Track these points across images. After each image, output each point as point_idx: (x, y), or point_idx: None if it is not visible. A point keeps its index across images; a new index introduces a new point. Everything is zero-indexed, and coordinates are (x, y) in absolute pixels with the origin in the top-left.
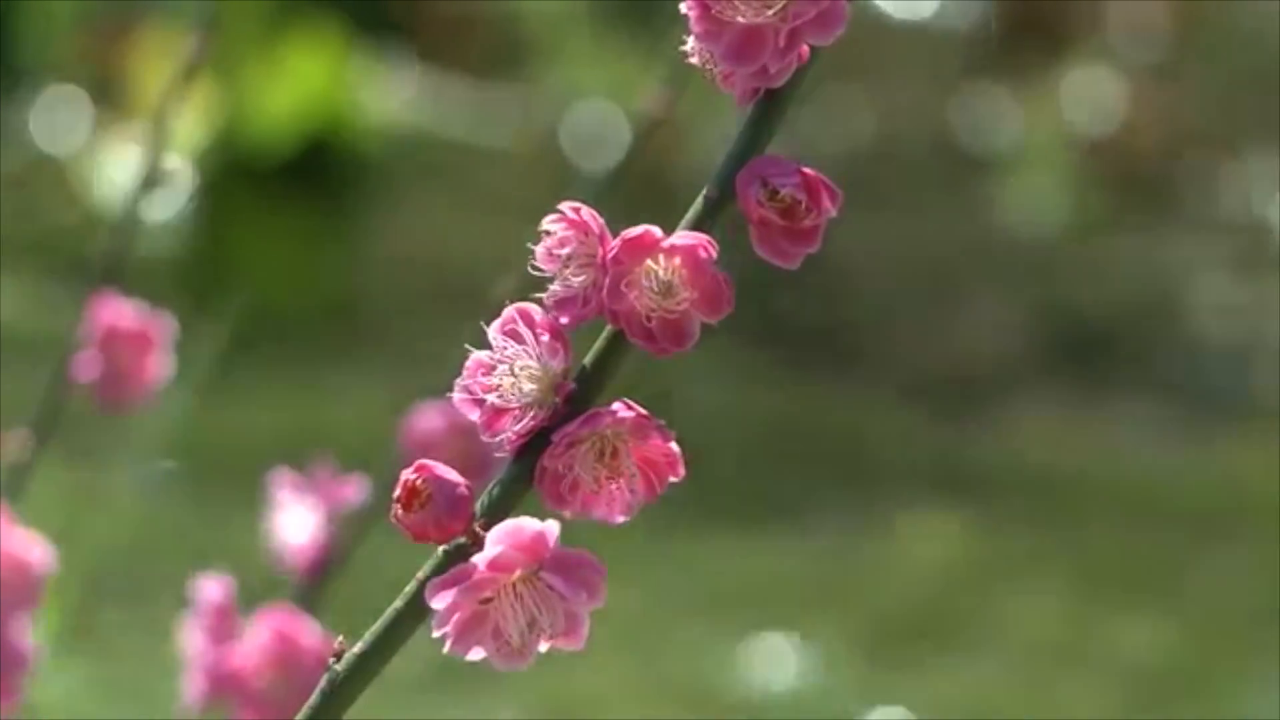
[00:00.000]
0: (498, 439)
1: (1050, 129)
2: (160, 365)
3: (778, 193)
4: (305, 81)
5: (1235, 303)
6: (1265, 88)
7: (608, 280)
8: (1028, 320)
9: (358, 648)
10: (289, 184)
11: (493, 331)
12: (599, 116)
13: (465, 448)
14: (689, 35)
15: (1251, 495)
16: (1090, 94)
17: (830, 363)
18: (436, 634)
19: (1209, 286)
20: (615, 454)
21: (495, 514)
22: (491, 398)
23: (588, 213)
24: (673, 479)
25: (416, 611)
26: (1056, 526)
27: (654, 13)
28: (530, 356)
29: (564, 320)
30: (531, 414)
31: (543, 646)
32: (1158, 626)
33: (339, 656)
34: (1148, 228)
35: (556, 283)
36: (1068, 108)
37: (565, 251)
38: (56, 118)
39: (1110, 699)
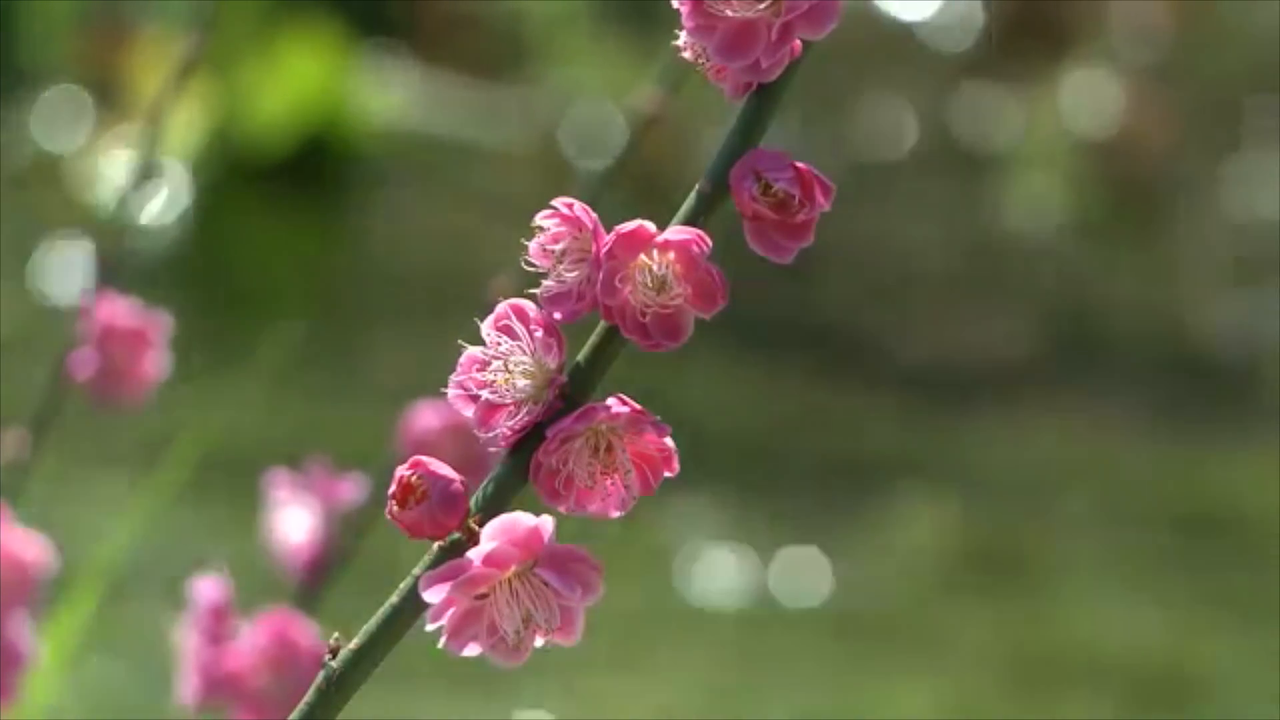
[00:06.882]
0: (492, 435)
1: (1051, 130)
2: (156, 364)
3: (771, 187)
4: (303, 81)
5: (1236, 303)
6: (1265, 88)
7: (601, 275)
8: (1027, 320)
9: (354, 644)
10: (286, 183)
11: (486, 327)
12: (598, 116)
13: (462, 446)
14: (682, 30)
15: (1243, 500)
16: (1091, 95)
17: (829, 361)
18: (431, 629)
19: (1209, 287)
20: (610, 449)
21: (490, 510)
22: (485, 394)
23: (581, 208)
24: (668, 474)
25: (412, 607)
26: (1053, 526)
27: (653, 13)
28: (524, 352)
29: (558, 316)
30: (526, 410)
31: (538, 642)
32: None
33: (335, 653)
34: (1147, 228)
35: (550, 278)
36: (1068, 108)
37: (559, 247)
38: (56, 118)
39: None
